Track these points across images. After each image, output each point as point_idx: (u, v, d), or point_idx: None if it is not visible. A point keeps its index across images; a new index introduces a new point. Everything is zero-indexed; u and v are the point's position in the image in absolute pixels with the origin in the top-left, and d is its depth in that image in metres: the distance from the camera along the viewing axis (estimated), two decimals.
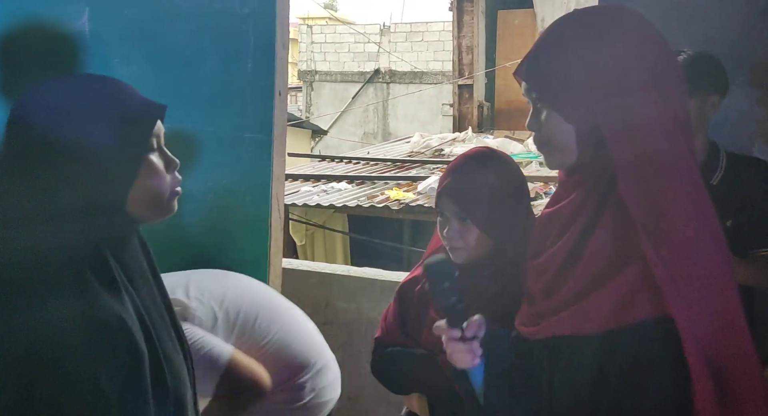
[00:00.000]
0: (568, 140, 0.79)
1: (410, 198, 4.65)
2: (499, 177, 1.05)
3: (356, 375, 2.02)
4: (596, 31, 0.78)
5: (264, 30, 1.59)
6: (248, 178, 1.66)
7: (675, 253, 0.71)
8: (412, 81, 12.39)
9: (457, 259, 1.06)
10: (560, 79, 0.78)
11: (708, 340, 0.70)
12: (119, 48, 1.61)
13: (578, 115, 0.77)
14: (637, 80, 0.75)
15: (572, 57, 0.77)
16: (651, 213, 0.73)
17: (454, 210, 1.05)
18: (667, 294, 0.71)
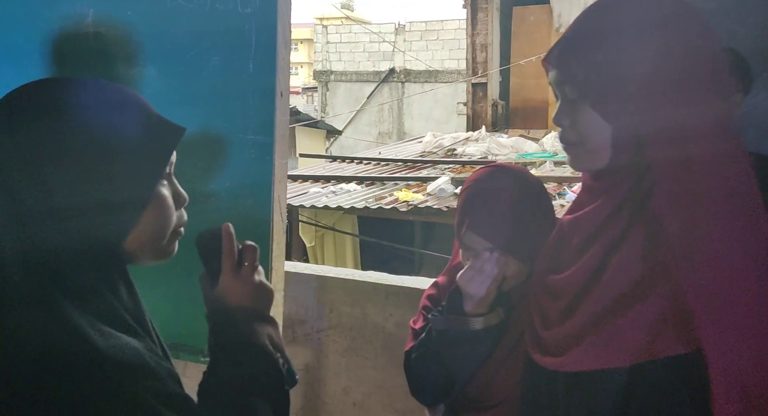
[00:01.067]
0: (602, 140, 0.70)
1: (419, 199, 4.62)
2: (522, 196, 0.95)
3: (361, 380, 2.00)
4: (646, 18, 0.68)
5: (266, 30, 1.57)
6: (250, 180, 1.64)
7: (713, 281, 0.63)
8: (427, 80, 12.36)
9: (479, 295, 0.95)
10: (602, 70, 0.68)
11: (746, 380, 0.62)
12: (122, 49, 1.60)
13: (619, 113, 0.68)
14: (689, 76, 0.66)
15: (617, 46, 0.68)
16: (688, 233, 0.64)
17: (484, 245, 0.94)
18: (700, 327, 0.63)
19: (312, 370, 2.05)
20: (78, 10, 1.60)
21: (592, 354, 0.69)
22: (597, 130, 0.70)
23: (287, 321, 2.00)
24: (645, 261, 0.67)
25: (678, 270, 0.64)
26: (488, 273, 0.92)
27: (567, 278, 0.74)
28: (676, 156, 0.65)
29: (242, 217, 1.63)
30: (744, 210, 0.65)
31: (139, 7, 1.59)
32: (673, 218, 0.65)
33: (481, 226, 0.95)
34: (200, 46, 1.60)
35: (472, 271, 0.93)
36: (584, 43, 0.71)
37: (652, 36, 0.67)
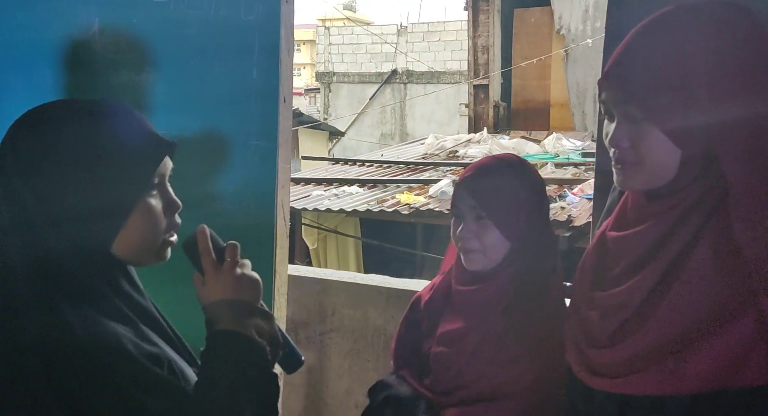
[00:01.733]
0: (668, 160, 0.67)
1: (421, 202, 4.63)
2: (524, 180, 1.01)
3: (363, 382, 2.02)
4: (704, 31, 0.65)
5: (269, 37, 1.59)
6: (253, 184, 1.66)
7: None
8: (429, 81, 12.39)
9: (471, 265, 1.00)
10: (668, 90, 0.66)
11: None
12: (127, 56, 1.63)
13: (688, 133, 0.65)
14: (758, 89, 0.64)
15: (680, 64, 0.65)
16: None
17: (471, 204, 0.99)
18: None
19: (315, 372, 2.07)
20: (84, 18, 1.63)
21: (652, 380, 0.66)
22: (663, 150, 0.68)
23: (290, 324, 2.02)
24: (721, 283, 0.64)
25: (759, 293, 0.61)
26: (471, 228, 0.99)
27: (618, 296, 0.71)
28: (756, 173, 0.63)
29: (246, 221, 1.65)
30: None
31: (144, 15, 1.61)
32: (753, 236, 0.62)
33: (473, 186, 1.00)
34: (204, 52, 1.62)
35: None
36: (646, 62, 0.68)
37: (713, 49, 0.65)
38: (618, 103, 0.71)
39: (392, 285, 2.01)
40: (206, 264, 0.77)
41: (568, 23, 7.54)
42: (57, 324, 0.66)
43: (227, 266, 0.77)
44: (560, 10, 7.59)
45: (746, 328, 0.62)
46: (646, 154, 0.69)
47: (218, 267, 0.77)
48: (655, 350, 0.66)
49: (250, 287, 0.78)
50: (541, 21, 8.14)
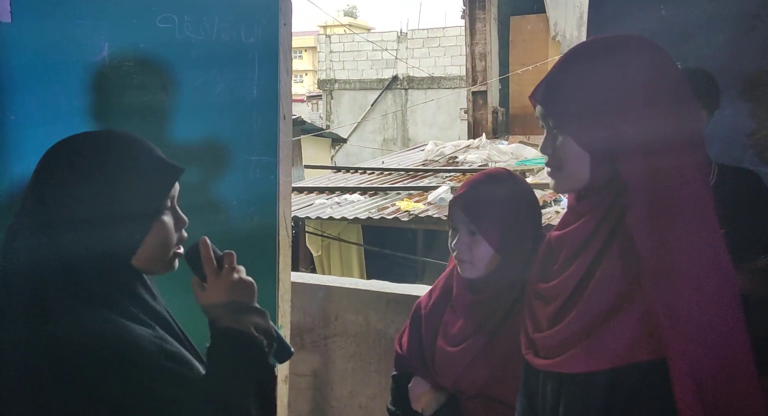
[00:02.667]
0: (580, 166, 0.79)
1: (420, 208, 4.69)
2: (513, 196, 1.07)
3: (366, 384, 2.08)
4: (611, 59, 0.78)
5: (268, 58, 1.67)
6: (256, 197, 1.73)
7: (678, 293, 0.69)
8: (430, 86, 12.45)
9: (464, 274, 1.08)
10: (576, 106, 0.78)
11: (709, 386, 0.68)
12: (135, 78, 1.71)
13: (594, 141, 0.77)
14: (652, 107, 0.75)
15: (588, 84, 0.78)
16: (657, 248, 0.71)
17: (463, 220, 1.07)
18: (664, 335, 0.69)
19: (320, 375, 2.14)
20: (95, 42, 1.72)
21: (580, 358, 0.76)
22: (575, 157, 0.79)
23: (295, 329, 2.09)
24: (623, 275, 0.74)
25: (647, 282, 0.71)
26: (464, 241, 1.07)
27: (555, 286, 0.82)
28: (645, 177, 0.73)
29: (250, 232, 1.73)
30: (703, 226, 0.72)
31: (150, 39, 1.70)
32: (642, 235, 0.72)
33: (466, 203, 1.07)
34: (207, 74, 1.71)
35: None
36: (562, 83, 0.81)
37: (618, 74, 0.77)
38: (542, 117, 0.84)
39: (392, 290, 2.07)
40: (208, 271, 0.87)
41: (563, 30, 7.62)
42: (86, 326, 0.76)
43: (226, 272, 0.87)
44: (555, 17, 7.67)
45: (639, 310, 0.73)
46: (563, 160, 0.81)
47: (218, 273, 0.87)
48: (579, 333, 0.77)
49: (246, 289, 0.88)
50: (537, 28, 8.22)
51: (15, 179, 1.81)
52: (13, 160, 1.80)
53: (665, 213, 0.72)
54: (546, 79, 0.83)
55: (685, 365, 0.69)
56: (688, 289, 0.70)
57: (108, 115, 1.74)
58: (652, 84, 0.76)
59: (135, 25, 1.69)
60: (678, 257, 0.71)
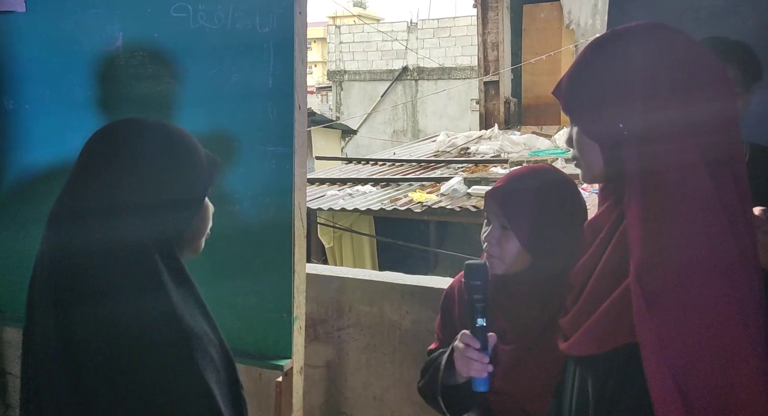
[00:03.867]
0: (594, 157, 0.81)
1: (433, 199, 4.67)
2: (552, 194, 1.02)
3: (380, 375, 2.08)
4: (619, 49, 0.79)
5: (283, 48, 1.65)
6: (271, 188, 1.73)
7: (658, 281, 0.70)
8: (440, 77, 12.38)
9: (493, 269, 1.04)
10: (583, 97, 0.81)
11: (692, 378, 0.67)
12: (150, 68, 1.70)
13: (598, 132, 0.80)
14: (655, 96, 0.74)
15: (594, 76, 0.80)
16: (644, 234, 0.71)
17: (497, 213, 1.04)
18: (636, 320, 0.70)
19: (334, 366, 2.14)
20: (109, 33, 1.71)
21: (581, 341, 0.80)
22: (587, 148, 0.82)
23: (309, 321, 2.09)
24: (622, 261, 0.76)
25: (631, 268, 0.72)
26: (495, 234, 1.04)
27: (576, 272, 0.85)
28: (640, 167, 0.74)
29: (265, 223, 1.72)
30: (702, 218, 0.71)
31: (165, 29, 1.69)
32: (632, 222, 0.74)
33: (501, 196, 1.04)
34: (222, 63, 1.69)
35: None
36: (574, 75, 0.83)
37: (622, 64, 0.78)
38: (564, 111, 0.87)
39: (406, 281, 2.06)
40: None
41: (577, 18, 7.52)
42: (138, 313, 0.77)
43: None
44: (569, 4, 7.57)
45: (623, 295, 0.74)
46: (579, 151, 0.85)
47: None
48: (583, 317, 0.80)
49: None
50: (551, 16, 8.12)
51: (28, 167, 1.82)
52: (27, 149, 1.81)
53: (658, 205, 0.72)
54: (563, 75, 0.86)
55: (656, 351, 0.69)
56: (670, 280, 0.70)
57: (121, 105, 1.74)
58: (663, 73, 0.75)
59: (149, 15, 1.68)
60: (666, 247, 0.70)
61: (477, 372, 0.99)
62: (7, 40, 1.79)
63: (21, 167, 1.83)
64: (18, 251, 1.86)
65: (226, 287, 1.67)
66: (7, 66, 1.80)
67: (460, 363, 1.01)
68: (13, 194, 1.85)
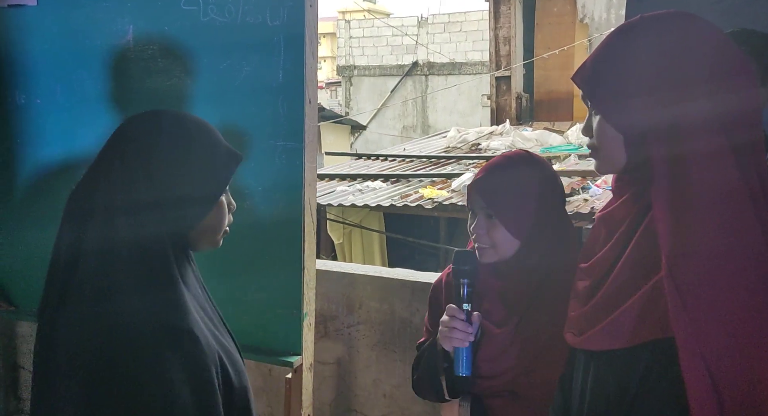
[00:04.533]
0: (616, 147, 0.79)
1: (444, 196, 4.65)
2: (532, 179, 1.05)
3: (391, 373, 2.07)
4: (650, 38, 0.77)
5: (294, 41, 1.63)
6: (281, 183, 1.72)
7: (691, 273, 0.69)
8: (450, 72, 12.32)
9: (483, 258, 1.07)
10: (610, 85, 0.79)
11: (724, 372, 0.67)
12: (160, 61, 1.70)
13: (625, 122, 0.77)
14: (688, 88, 0.73)
15: (622, 64, 0.77)
16: (675, 228, 0.70)
17: (480, 204, 1.07)
18: (672, 316, 0.69)
19: (343, 363, 2.13)
20: (120, 26, 1.70)
21: (602, 335, 0.78)
22: (611, 138, 0.80)
23: (319, 317, 2.09)
24: (646, 256, 0.75)
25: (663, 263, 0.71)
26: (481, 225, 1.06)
27: (592, 265, 0.83)
28: (670, 159, 0.73)
29: (275, 219, 1.71)
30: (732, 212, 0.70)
31: (175, 22, 1.68)
32: (661, 216, 0.72)
33: (482, 187, 1.07)
34: (232, 57, 1.68)
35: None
36: (599, 62, 0.81)
37: (655, 53, 0.76)
38: (582, 98, 0.84)
39: (417, 278, 2.05)
40: None
41: (591, 12, 7.43)
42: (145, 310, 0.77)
43: None
44: None
45: (654, 289, 0.73)
46: (600, 141, 0.82)
47: None
48: (604, 311, 0.78)
49: None
50: (564, 10, 8.03)
51: (41, 162, 1.82)
52: (39, 144, 1.81)
53: (687, 197, 0.71)
54: (586, 60, 0.84)
55: (692, 346, 0.68)
56: (702, 273, 0.69)
57: (132, 100, 1.73)
58: (691, 63, 0.74)
59: (159, 8, 1.67)
60: (697, 238, 0.70)
61: (459, 341, 1.01)
62: (18, 35, 1.79)
63: (34, 162, 1.84)
64: (31, 246, 1.87)
65: (235, 283, 1.66)
66: (18, 60, 1.80)
67: (445, 335, 1.04)
68: (27, 190, 1.86)
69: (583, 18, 7.66)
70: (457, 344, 1.02)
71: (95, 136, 1.83)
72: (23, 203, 1.87)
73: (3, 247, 1.91)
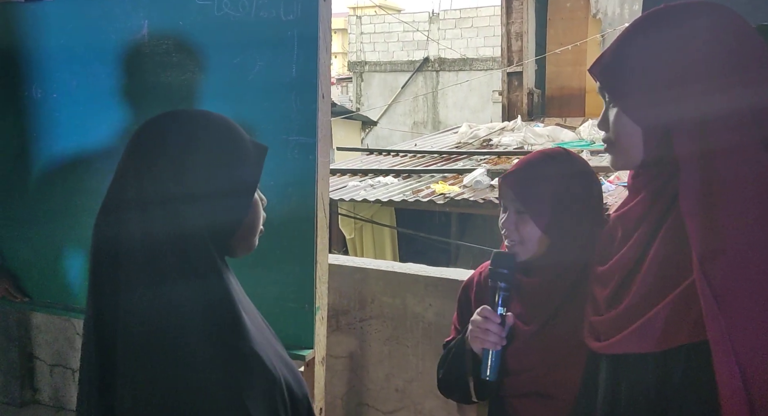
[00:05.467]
0: (634, 141, 0.77)
1: (455, 191, 4.63)
2: (566, 176, 1.01)
3: (403, 367, 2.07)
4: (671, 28, 0.75)
5: (307, 36, 1.63)
6: (294, 178, 1.72)
7: (726, 275, 0.66)
8: (461, 68, 12.27)
9: (517, 256, 1.04)
10: (629, 78, 0.76)
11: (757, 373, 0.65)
12: (174, 56, 1.70)
13: (646, 116, 0.75)
14: (714, 79, 0.71)
15: (642, 55, 0.75)
16: (707, 226, 0.68)
17: (511, 198, 1.03)
18: (707, 317, 0.67)
19: (356, 358, 2.14)
20: (135, 21, 1.71)
21: (631, 339, 0.75)
22: (628, 132, 0.77)
23: (332, 311, 2.09)
24: (675, 256, 0.72)
25: (695, 264, 0.68)
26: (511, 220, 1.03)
27: (611, 268, 0.80)
28: (698, 154, 0.70)
29: (287, 214, 1.71)
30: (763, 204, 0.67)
31: (189, 18, 1.68)
32: (692, 214, 0.69)
33: (515, 182, 1.04)
34: (246, 52, 1.68)
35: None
36: (618, 54, 0.78)
37: (678, 44, 0.73)
38: (599, 90, 0.81)
39: (429, 273, 2.04)
40: None
41: (604, 7, 7.34)
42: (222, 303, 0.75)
43: None
44: None
45: (690, 291, 0.70)
46: (617, 135, 0.80)
47: None
48: (632, 315, 0.75)
49: None
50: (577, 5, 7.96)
51: (55, 156, 1.84)
52: (54, 138, 1.83)
53: (718, 193, 0.68)
54: (605, 51, 0.81)
55: (727, 349, 0.66)
56: (737, 272, 0.67)
57: (147, 94, 1.74)
58: (718, 54, 0.71)
59: (174, 3, 1.67)
60: (728, 240, 0.67)
61: (492, 344, 0.99)
62: (35, 30, 1.80)
63: (48, 156, 1.85)
64: (45, 239, 1.89)
65: (248, 277, 1.66)
66: (34, 55, 1.81)
67: (475, 335, 1.01)
68: (41, 183, 1.88)
69: (596, 13, 7.58)
70: (488, 346, 1.00)
71: (109, 131, 1.86)
72: (38, 197, 1.89)
73: (18, 240, 1.94)
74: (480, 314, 1.02)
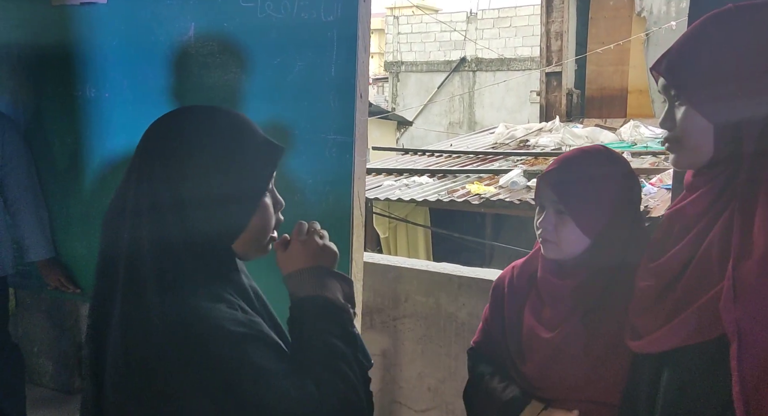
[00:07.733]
0: (704, 139, 0.75)
1: (491, 192, 4.59)
2: (609, 175, 0.99)
3: (436, 366, 2.07)
4: (745, 24, 0.74)
5: (347, 36, 1.65)
6: (331, 177, 1.74)
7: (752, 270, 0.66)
8: (499, 68, 12.14)
9: (548, 253, 1.02)
10: (705, 76, 0.75)
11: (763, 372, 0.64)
12: (219, 57, 1.76)
13: (720, 112, 0.73)
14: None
15: (716, 51, 0.74)
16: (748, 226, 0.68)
17: (551, 198, 1.00)
18: (723, 312, 0.67)
19: (389, 356, 2.15)
20: (181, 23, 1.77)
21: (666, 335, 0.75)
22: (699, 130, 0.76)
23: (365, 309, 2.11)
24: (722, 253, 0.71)
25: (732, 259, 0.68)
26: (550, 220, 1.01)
27: (663, 264, 0.79)
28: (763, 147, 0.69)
29: (324, 212, 1.74)
30: None
31: (234, 19, 1.73)
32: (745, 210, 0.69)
33: (555, 180, 1.01)
34: (287, 52, 1.72)
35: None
36: (688, 50, 0.77)
37: (754, 38, 0.73)
38: (664, 88, 0.80)
39: (464, 273, 2.04)
40: (294, 233, 0.85)
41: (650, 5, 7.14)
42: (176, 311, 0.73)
43: (311, 235, 0.85)
44: None
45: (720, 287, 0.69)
46: (685, 133, 0.78)
47: (302, 238, 0.84)
48: (679, 307, 0.74)
49: (330, 255, 0.85)
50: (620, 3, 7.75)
51: (107, 154, 1.92)
52: (107, 135, 1.91)
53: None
54: (671, 48, 0.79)
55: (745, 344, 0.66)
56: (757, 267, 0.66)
57: (191, 95, 1.80)
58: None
59: (220, 5, 1.72)
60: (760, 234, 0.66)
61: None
62: (89, 31, 1.89)
63: (101, 154, 1.94)
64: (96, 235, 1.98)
65: None
66: (89, 56, 1.90)
67: None
68: (94, 181, 1.96)
69: (640, 11, 7.38)
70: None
71: None
72: (91, 194, 1.98)
73: (73, 236, 2.03)
74: None
